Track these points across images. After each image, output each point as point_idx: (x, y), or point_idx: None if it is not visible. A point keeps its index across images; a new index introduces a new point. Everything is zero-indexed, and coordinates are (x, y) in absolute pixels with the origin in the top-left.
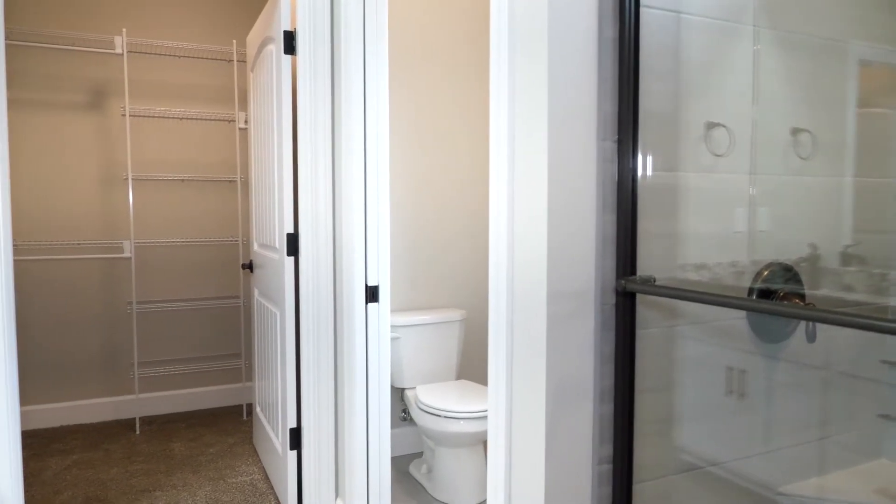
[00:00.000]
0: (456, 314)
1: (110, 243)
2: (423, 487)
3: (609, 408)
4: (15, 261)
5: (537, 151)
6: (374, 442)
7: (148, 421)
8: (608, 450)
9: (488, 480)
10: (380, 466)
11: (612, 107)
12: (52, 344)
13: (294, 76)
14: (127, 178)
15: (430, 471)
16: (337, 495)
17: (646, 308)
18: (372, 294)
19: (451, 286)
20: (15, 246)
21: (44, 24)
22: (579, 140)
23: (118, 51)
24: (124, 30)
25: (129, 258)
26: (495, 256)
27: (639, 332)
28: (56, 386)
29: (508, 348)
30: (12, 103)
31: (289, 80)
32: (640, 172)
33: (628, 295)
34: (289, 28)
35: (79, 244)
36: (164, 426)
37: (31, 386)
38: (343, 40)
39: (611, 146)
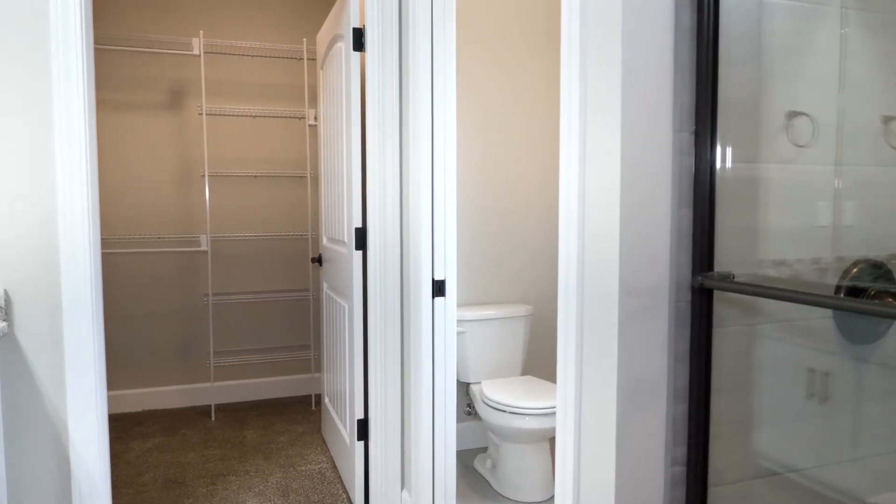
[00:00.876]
0: (522, 309)
1: (188, 237)
2: (488, 482)
3: (683, 408)
4: (102, 254)
5: (610, 143)
6: (440, 435)
7: (222, 408)
8: (682, 451)
9: (556, 479)
10: (445, 460)
11: (688, 97)
12: (134, 333)
13: (363, 72)
14: (204, 175)
15: (494, 466)
16: (403, 487)
17: (723, 305)
18: (438, 288)
19: (518, 281)
20: (102, 240)
21: (127, 29)
22: (654, 131)
23: (195, 52)
24: (201, 32)
25: (206, 252)
26: (565, 251)
27: (715, 331)
28: (138, 373)
29: (578, 345)
30: (100, 104)
31: (357, 76)
32: (717, 164)
33: (705, 292)
34: (358, 25)
35: (159, 238)
36: (237, 414)
37: (116, 372)
38: (411, 36)
39: (687, 137)
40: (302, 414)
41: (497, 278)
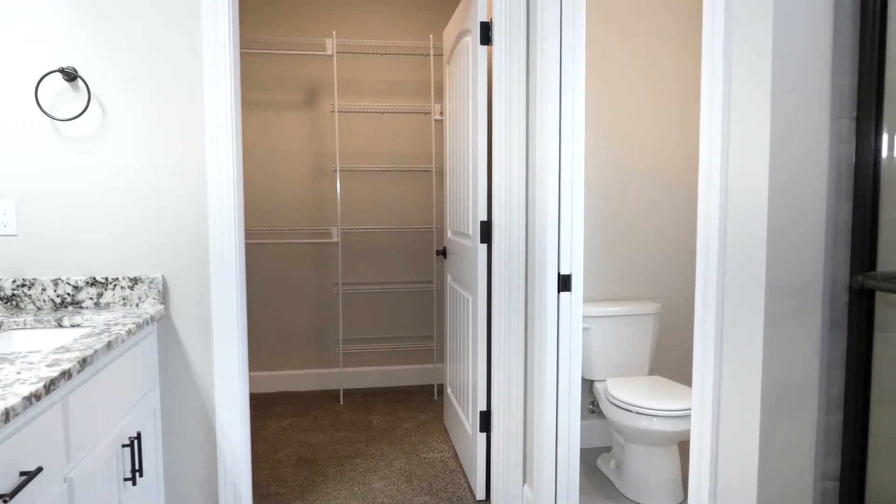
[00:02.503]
0: (650, 307)
1: (320, 229)
2: (611, 482)
3: (837, 419)
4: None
5: (758, 129)
6: (563, 432)
7: (350, 393)
8: (834, 465)
9: (690, 486)
10: (568, 457)
11: (849, 79)
12: (271, 319)
13: (489, 66)
14: (335, 170)
15: (618, 466)
16: (524, 481)
17: (887, 308)
18: (564, 283)
19: (647, 277)
20: (245, 231)
21: (267, 33)
22: (809, 118)
23: (329, 52)
24: (334, 33)
25: (337, 243)
26: (704, 246)
27: (877, 336)
28: (274, 356)
29: (717, 347)
30: (242, 104)
31: (484, 70)
32: (883, 153)
33: (865, 292)
34: (485, 19)
35: (294, 230)
36: (363, 399)
37: (254, 355)
38: (539, 28)
39: (847, 124)
40: (425, 402)
41: (624, 274)
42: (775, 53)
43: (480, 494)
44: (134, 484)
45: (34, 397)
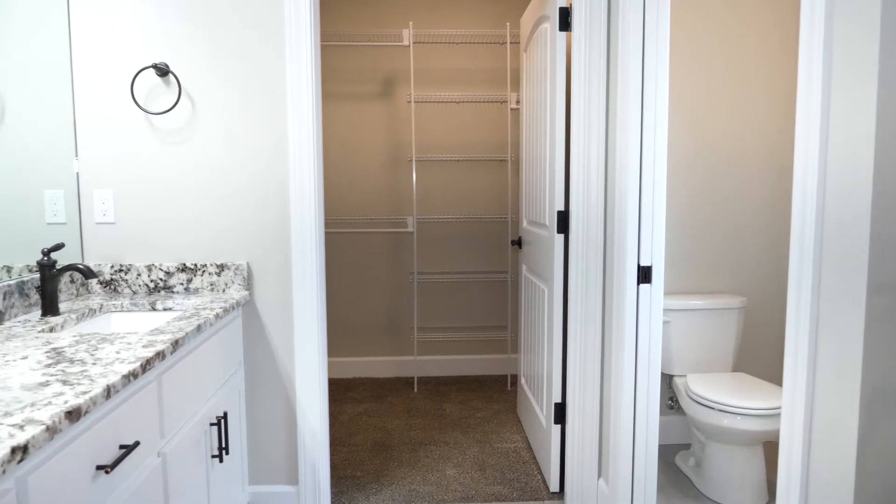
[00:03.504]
0: (735, 301)
1: (396, 218)
2: (691, 481)
3: None
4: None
5: (862, 109)
6: (641, 427)
7: (424, 381)
8: None
9: (778, 489)
10: (646, 453)
11: None
12: (348, 306)
13: (568, 53)
14: (411, 160)
15: (698, 465)
16: (600, 475)
17: None
18: (644, 275)
19: (731, 270)
20: (323, 220)
21: (345, 26)
22: None
23: (405, 43)
24: (411, 23)
25: (412, 232)
26: (798, 239)
27: None
28: (350, 342)
29: (811, 344)
30: (322, 96)
31: (563, 56)
32: None
33: None
34: (564, 4)
35: (370, 219)
36: (437, 387)
37: (331, 340)
38: (621, 12)
39: None
40: (498, 392)
41: (707, 266)
42: (883, 37)
43: (554, 486)
44: (220, 461)
45: (132, 376)
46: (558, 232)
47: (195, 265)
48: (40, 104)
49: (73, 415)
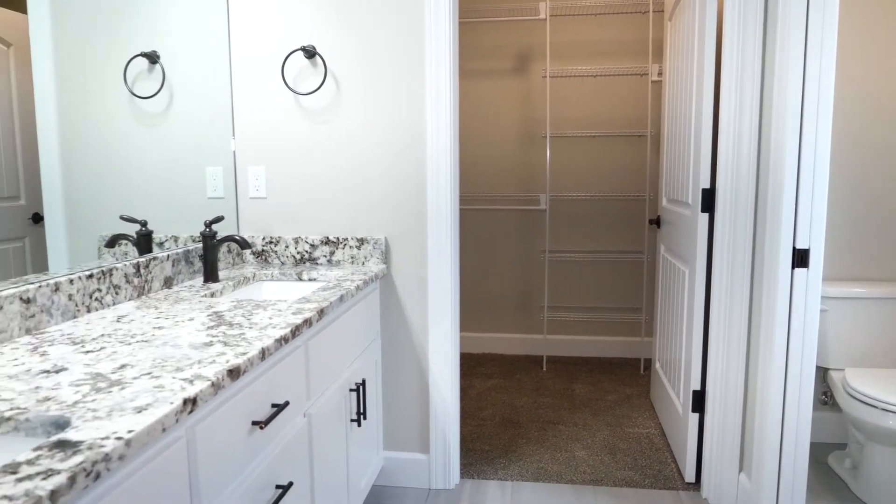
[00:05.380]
0: None
1: (528, 196)
2: (845, 484)
3: None
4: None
5: None
6: (791, 422)
7: (553, 360)
8: None
9: None
10: (795, 450)
11: None
12: (478, 282)
13: (719, 18)
14: (545, 136)
15: (855, 467)
16: (741, 469)
17: None
18: (800, 258)
19: None
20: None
21: (481, 2)
22: None
23: (542, 16)
24: None
25: (544, 210)
26: None
27: None
28: (480, 318)
29: None
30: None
31: (713, 22)
32: None
33: None
34: None
35: (502, 196)
36: (566, 367)
37: (461, 316)
38: None
39: None
40: (630, 376)
41: (873, 250)
42: None
43: (690, 477)
44: (359, 425)
45: (283, 340)
46: (702, 210)
47: (337, 239)
48: (203, 88)
49: (234, 373)
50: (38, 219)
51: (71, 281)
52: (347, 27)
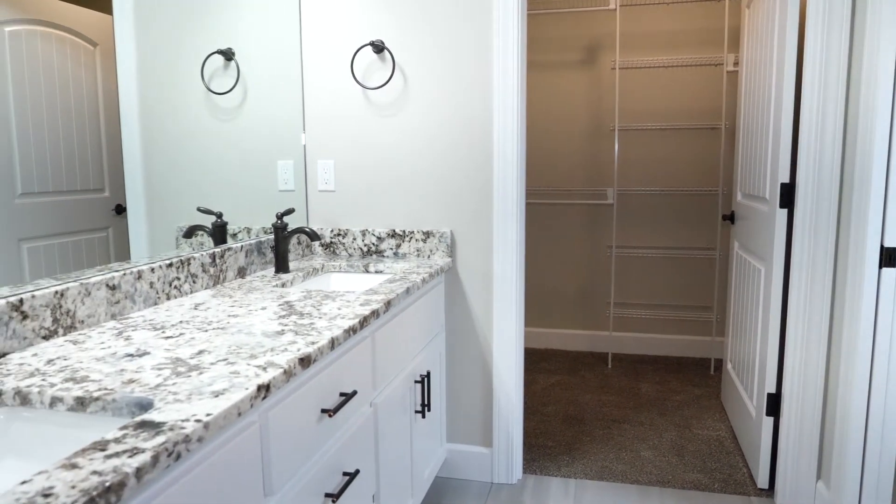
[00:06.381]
0: None
1: (595, 190)
2: None
3: None
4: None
5: None
6: (875, 431)
7: (618, 358)
8: None
9: None
10: (880, 459)
11: None
12: (542, 276)
13: (802, 3)
14: (613, 129)
15: None
16: (818, 477)
17: None
18: (888, 257)
19: None
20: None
21: None
22: None
23: (611, 6)
24: None
25: (612, 205)
26: None
27: None
28: (543, 313)
29: None
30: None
31: (795, 8)
32: None
33: None
34: None
35: (568, 190)
36: (632, 365)
37: (525, 310)
38: None
39: None
40: (699, 376)
41: None
42: None
43: (762, 483)
44: (423, 417)
45: (352, 331)
46: (781, 206)
47: (403, 232)
48: (275, 83)
49: (305, 362)
50: (120, 210)
51: (152, 269)
52: (415, 21)
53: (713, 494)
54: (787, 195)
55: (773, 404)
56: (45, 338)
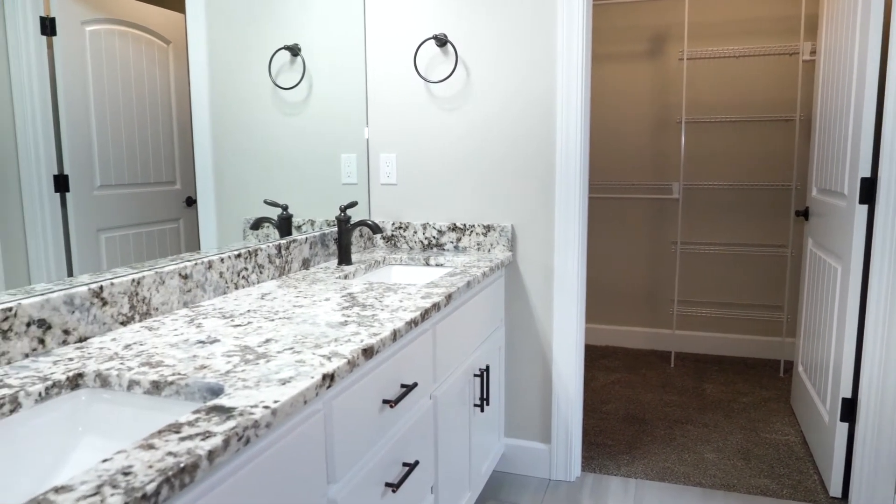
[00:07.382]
0: None
1: (660, 184)
2: None
3: None
4: None
5: None
6: None
7: (681, 357)
8: None
9: None
10: None
11: None
12: (603, 272)
13: None
14: (680, 122)
15: None
16: None
17: None
18: None
19: None
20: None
21: None
22: None
23: None
24: None
25: (677, 199)
26: None
27: None
28: (604, 309)
29: None
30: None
31: None
32: None
33: None
34: None
35: (632, 184)
36: (696, 365)
37: (586, 306)
38: None
39: None
40: (767, 378)
41: None
42: None
43: (835, 491)
44: (482, 411)
45: (413, 323)
46: (861, 202)
47: (464, 225)
48: (339, 78)
49: (368, 352)
50: (190, 202)
51: (221, 260)
52: (478, 14)
53: (782, 501)
54: (868, 190)
55: (848, 410)
56: (123, 323)
